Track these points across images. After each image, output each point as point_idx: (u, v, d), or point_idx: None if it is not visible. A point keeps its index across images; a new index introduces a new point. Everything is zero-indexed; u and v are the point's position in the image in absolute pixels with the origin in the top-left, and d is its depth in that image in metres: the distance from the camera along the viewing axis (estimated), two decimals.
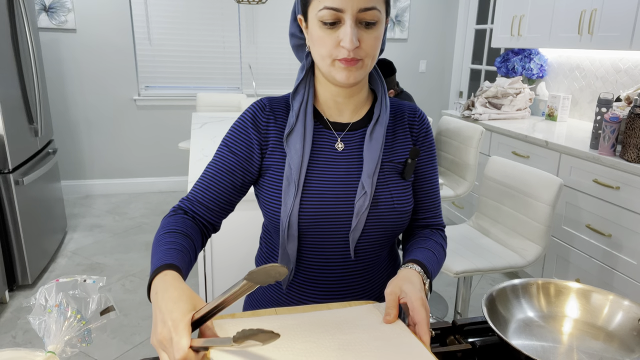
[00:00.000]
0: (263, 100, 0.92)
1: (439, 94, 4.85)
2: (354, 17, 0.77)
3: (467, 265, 1.73)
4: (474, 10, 4.42)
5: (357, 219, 0.85)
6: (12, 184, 2.50)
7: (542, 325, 0.86)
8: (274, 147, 0.89)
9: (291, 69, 4.46)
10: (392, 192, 0.88)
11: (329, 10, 0.77)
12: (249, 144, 0.89)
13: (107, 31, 3.98)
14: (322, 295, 0.93)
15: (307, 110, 0.88)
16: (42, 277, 2.82)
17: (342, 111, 0.91)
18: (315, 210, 0.86)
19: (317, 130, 0.90)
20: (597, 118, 2.32)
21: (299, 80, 0.90)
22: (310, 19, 0.81)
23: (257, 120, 0.90)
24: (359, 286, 0.95)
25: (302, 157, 0.86)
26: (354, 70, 0.81)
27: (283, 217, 0.85)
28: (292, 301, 0.96)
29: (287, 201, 0.85)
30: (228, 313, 0.79)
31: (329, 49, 0.80)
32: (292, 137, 0.87)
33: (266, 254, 1.00)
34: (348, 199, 0.87)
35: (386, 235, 0.90)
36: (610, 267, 2.22)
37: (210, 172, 0.90)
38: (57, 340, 0.72)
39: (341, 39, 0.78)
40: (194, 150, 2.24)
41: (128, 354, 2.16)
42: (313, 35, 0.82)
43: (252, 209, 1.73)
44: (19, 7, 2.64)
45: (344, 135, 0.90)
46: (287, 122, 0.89)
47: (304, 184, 0.86)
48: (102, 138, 4.21)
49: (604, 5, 2.47)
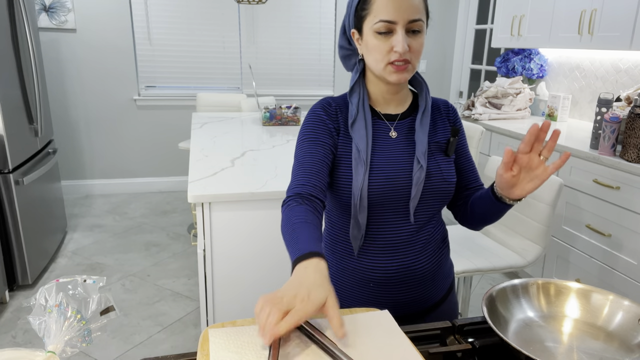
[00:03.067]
0: (326, 99, 1.10)
1: (439, 94, 4.85)
2: (404, 27, 0.95)
3: (467, 265, 1.73)
4: (474, 10, 4.42)
5: (415, 188, 1.02)
6: (12, 184, 2.50)
7: (542, 325, 0.86)
8: (343, 134, 1.06)
9: (291, 69, 4.46)
10: (440, 166, 1.06)
11: (384, 22, 0.95)
12: (328, 130, 1.05)
13: (107, 31, 3.98)
14: (387, 257, 1.07)
15: (365, 103, 1.06)
16: (42, 277, 2.82)
17: (389, 104, 1.09)
18: (381, 184, 1.02)
19: (373, 121, 1.07)
20: (597, 118, 2.32)
21: (353, 81, 1.07)
22: (366, 31, 0.99)
23: (328, 112, 1.07)
24: (417, 247, 1.09)
25: (367, 140, 1.02)
26: (404, 72, 0.99)
27: (355, 191, 1.00)
28: (363, 267, 1.09)
29: (357, 178, 1.00)
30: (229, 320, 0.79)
31: (382, 55, 0.98)
32: (356, 125, 1.04)
33: (332, 231, 1.14)
34: (407, 174, 1.04)
35: (438, 201, 1.07)
36: (610, 267, 2.22)
37: (306, 159, 1.02)
38: (57, 340, 0.72)
39: (394, 45, 0.96)
40: (194, 150, 2.24)
41: (128, 354, 2.16)
42: (369, 44, 0.99)
43: (252, 209, 1.73)
44: (19, 7, 2.64)
45: (396, 125, 1.08)
46: (349, 114, 1.05)
47: (371, 164, 1.02)
48: (102, 138, 4.21)
49: (604, 5, 2.46)
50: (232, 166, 1.99)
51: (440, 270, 1.13)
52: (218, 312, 1.81)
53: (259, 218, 1.74)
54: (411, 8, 0.94)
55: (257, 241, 1.76)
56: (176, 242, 3.33)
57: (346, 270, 1.11)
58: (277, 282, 1.83)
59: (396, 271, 1.06)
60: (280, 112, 3.00)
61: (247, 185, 1.73)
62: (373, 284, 1.08)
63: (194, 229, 2.47)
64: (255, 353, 0.72)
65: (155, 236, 3.43)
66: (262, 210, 1.73)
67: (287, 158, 2.15)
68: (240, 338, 0.76)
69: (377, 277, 1.07)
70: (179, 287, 2.75)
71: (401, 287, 1.07)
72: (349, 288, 1.11)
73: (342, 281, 1.12)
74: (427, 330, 0.88)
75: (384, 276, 1.06)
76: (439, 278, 1.13)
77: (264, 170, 1.94)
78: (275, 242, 1.78)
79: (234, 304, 1.81)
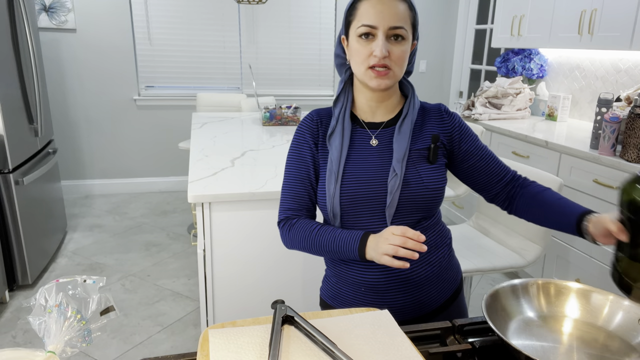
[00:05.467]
0: (311, 113, 1.14)
1: (439, 94, 4.85)
2: (385, 32, 0.98)
3: (467, 265, 1.73)
4: (474, 10, 4.42)
5: (390, 196, 1.02)
6: (12, 184, 2.50)
7: (542, 325, 0.86)
8: (322, 147, 1.10)
9: (291, 69, 4.46)
10: (420, 174, 1.05)
11: (365, 26, 0.99)
12: (309, 146, 1.10)
13: (107, 31, 3.98)
14: (374, 263, 1.07)
15: (345, 114, 1.09)
16: (42, 277, 2.82)
17: (375, 113, 1.10)
18: (354, 193, 1.04)
19: (355, 130, 1.09)
20: (597, 118, 2.32)
21: (338, 91, 1.11)
22: (351, 36, 1.03)
23: (310, 127, 1.11)
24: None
25: (341, 152, 1.05)
26: (385, 79, 1.01)
27: (328, 200, 1.05)
28: (355, 272, 1.10)
29: (329, 187, 1.05)
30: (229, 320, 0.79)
31: (363, 58, 1.00)
32: (333, 137, 1.07)
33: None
34: (382, 182, 1.05)
35: (419, 209, 1.06)
36: (610, 267, 2.21)
37: (291, 182, 1.11)
38: (57, 340, 0.72)
39: (374, 49, 0.99)
40: (194, 150, 2.24)
41: (128, 354, 2.16)
42: (352, 48, 1.03)
43: (252, 209, 1.73)
44: (19, 7, 2.64)
45: (378, 133, 1.09)
46: (330, 126, 1.09)
47: (343, 173, 1.05)
48: (102, 138, 4.21)
49: (604, 6, 2.46)
50: (232, 166, 1.99)
51: (442, 274, 1.12)
52: (218, 312, 1.81)
53: (259, 218, 1.74)
54: (394, 15, 0.98)
55: (257, 241, 1.76)
56: (176, 242, 3.33)
57: (340, 276, 1.12)
58: (277, 282, 1.83)
59: (386, 277, 1.06)
60: (280, 112, 3.00)
61: (247, 185, 1.73)
62: (365, 288, 1.09)
63: (194, 229, 2.47)
64: (255, 353, 0.72)
65: (155, 236, 3.43)
66: (262, 210, 1.73)
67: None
68: (240, 338, 0.76)
69: (368, 283, 1.07)
70: (179, 287, 2.75)
71: (395, 293, 1.07)
72: (346, 292, 1.12)
73: (339, 286, 1.13)
74: (427, 330, 0.88)
75: (375, 281, 1.07)
76: (439, 282, 1.11)
77: (264, 170, 1.94)
78: (275, 242, 1.78)
79: (234, 304, 1.81)
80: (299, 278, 1.85)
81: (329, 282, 1.16)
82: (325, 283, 1.18)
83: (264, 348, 0.74)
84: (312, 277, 1.86)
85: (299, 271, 1.84)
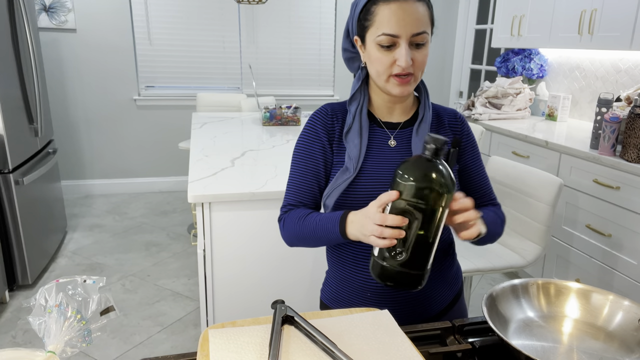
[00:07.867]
0: (325, 107, 1.09)
1: (439, 94, 4.85)
2: (408, 40, 0.92)
3: (467, 265, 1.73)
4: (474, 10, 4.42)
5: None
6: (12, 184, 2.50)
7: (542, 325, 0.86)
8: (337, 144, 1.05)
9: (291, 69, 4.46)
10: None
11: (386, 36, 0.92)
12: (321, 143, 1.05)
13: (107, 31, 3.98)
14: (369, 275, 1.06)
15: (363, 112, 1.04)
16: (42, 277, 2.82)
17: (393, 113, 1.07)
18: (370, 191, 1.00)
19: (372, 129, 1.05)
20: (597, 118, 2.32)
21: (354, 88, 1.05)
22: (368, 42, 0.97)
23: (324, 121, 1.06)
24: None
25: (360, 149, 1.01)
26: (407, 85, 0.97)
27: (329, 191, 1.02)
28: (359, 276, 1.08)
29: (338, 180, 1.00)
30: (229, 320, 0.79)
31: (385, 67, 0.95)
32: (350, 134, 1.03)
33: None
34: None
35: None
36: (610, 267, 2.22)
37: (295, 177, 1.06)
38: (57, 340, 0.72)
39: (397, 58, 0.93)
40: (194, 150, 2.24)
41: (128, 354, 2.16)
42: (371, 55, 0.97)
43: (252, 209, 1.73)
44: (19, 7, 2.64)
45: (396, 134, 1.05)
46: (345, 122, 1.05)
47: (359, 172, 1.01)
48: (102, 138, 4.21)
49: (604, 6, 2.46)
50: (232, 166, 1.99)
51: (443, 279, 1.11)
52: (218, 312, 1.81)
53: (259, 218, 1.74)
54: (415, 21, 0.91)
55: (257, 241, 1.76)
56: (176, 242, 3.33)
57: (345, 279, 1.11)
58: (277, 281, 1.83)
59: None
60: (280, 112, 3.00)
61: (247, 185, 1.73)
62: (371, 293, 1.08)
63: (194, 229, 2.47)
64: (255, 353, 0.72)
65: (155, 236, 3.43)
66: (262, 210, 1.73)
67: (287, 158, 2.15)
68: (240, 338, 0.76)
69: (376, 288, 1.06)
70: (179, 287, 2.75)
71: (399, 297, 1.07)
72: (349, 296, 1.11)
73: (342, 289, 1.12)
74: (427, 330, 0.88)
75: (380, 285, 1.06)
76: (441, 286, 1.11)
77: (264, 170, 1.94)
78: (275, 242, 1.78)
79: (234, 304, 1.81)
80: (299, 278, 1.85)
81: (330, 285, 1.15)
82: (326, 285, 1.17)
83: (264, 348, 0.74)
84: (312, 277, 1.86)
85: (299, 271, 1.84)
